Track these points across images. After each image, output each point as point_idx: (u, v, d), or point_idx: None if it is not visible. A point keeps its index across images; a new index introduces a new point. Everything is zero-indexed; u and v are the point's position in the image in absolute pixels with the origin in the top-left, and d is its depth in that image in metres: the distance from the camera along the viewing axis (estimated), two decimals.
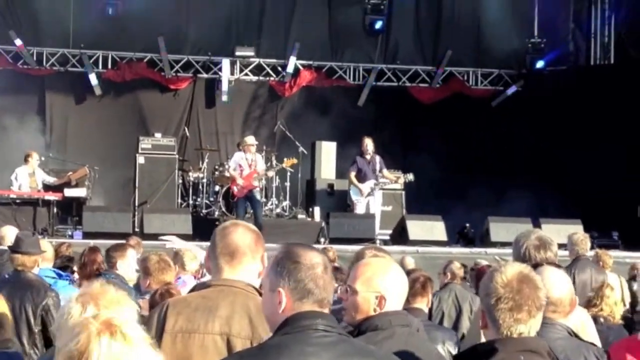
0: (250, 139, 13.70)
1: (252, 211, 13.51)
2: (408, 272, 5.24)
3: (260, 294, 2.90)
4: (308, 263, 2.55)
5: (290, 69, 16.77)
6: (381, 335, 2.99)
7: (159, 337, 2.93)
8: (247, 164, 13.39)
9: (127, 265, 6.11)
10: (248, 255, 3.08)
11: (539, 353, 2.72)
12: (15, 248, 5.67)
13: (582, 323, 4.40)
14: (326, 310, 2.59)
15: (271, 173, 13.98)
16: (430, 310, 6.45)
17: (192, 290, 3.27)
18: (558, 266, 4.05)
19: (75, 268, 6.86)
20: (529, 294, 2.74)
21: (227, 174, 13.97)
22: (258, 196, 13.53)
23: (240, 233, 3.11)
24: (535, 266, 3.85)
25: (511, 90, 17.53)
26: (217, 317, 2.96)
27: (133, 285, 6.14)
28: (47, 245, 6.54)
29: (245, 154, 13.49)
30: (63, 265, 7.29)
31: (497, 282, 2.75)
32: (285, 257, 2.58)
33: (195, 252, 6.66)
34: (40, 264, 5.81)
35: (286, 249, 2.63)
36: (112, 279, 4.88)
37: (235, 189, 13.40)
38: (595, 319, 5.15)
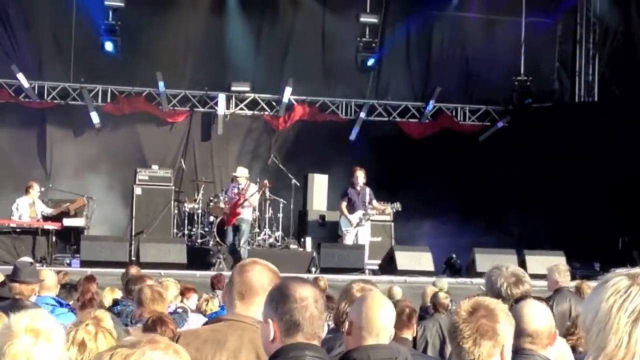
0: (238, 171, 14.09)
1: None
2: (395, 303, 5.59)
3: None
4: (297, 296, 2.64)
5: (284, 103, 17.14)
6: None
7: None
8: (237, 194, 13.77)
9: None
10: (261, 295, 3.06)
11: None
12: (13, 277, 5.63)
13: (561, 352, 4.41)
14: (315, 342, 2.67)
15: (255, 196, 13.97)
16: (415, 339, 6.59)
17: (205, 324, 3.43)
18: (540, 299, 4.11)
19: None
20: (485, 323, 2.85)
21: (221, 205, 14.36)
22: (244, 226, 13.72)
23: (257, 272, 3.16)
24: (517, 301, 3.91)
25: (498, 125, 17.85)
26: (225, 349, 3.04)
27: None
28: (50, 274, 6.54)
29: (237, 185, 13.90)
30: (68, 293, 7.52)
31: (456, 314, 2.89)
32: (276, 290, 2.70)
33: (172, 282, 6.92)
34: (41, 292, 5.82)
35: (280, 282, 2.77)
36: (128, 306, 5.13)
37: (224, 217, 13.84)
38: (574, 348, 5.05)
